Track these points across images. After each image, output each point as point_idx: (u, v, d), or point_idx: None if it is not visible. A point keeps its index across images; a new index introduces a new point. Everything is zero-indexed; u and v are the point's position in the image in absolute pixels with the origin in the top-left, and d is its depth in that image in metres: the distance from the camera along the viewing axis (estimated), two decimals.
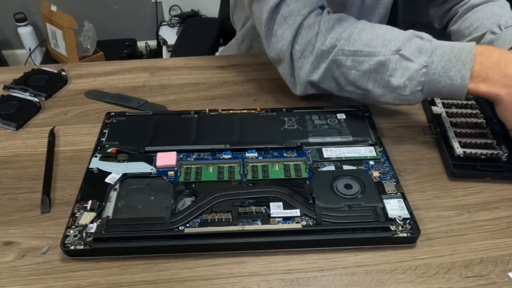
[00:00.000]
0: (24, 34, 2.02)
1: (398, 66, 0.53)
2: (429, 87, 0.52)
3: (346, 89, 0.59)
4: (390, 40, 0.54)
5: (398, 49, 0.53)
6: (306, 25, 0.57)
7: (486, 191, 0.52)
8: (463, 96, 0.52)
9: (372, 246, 0.46)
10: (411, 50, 0.52)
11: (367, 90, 0.56)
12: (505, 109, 0.51)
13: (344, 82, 0.58)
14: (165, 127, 0.59)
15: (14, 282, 0.43)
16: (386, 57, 0.53)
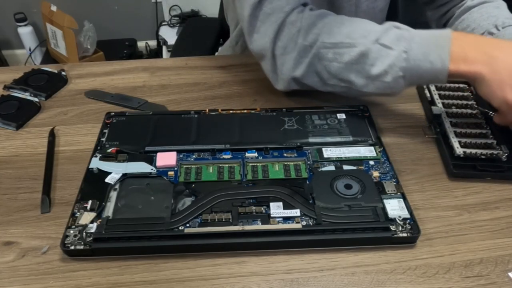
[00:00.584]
0: (24, 34, 2.02)
1: (378, 55, 0.54)
2: (410, 73, 0.53)
3: (329, 82, 0.59)
4: (369, 31, 0.55)
5: (378, 39, 0.54)
6: (289, 22, 0.58)
7: (486, 191, 0.52)
8: (444, 80, 0.53)
9: (372, 246, 0.46)
10: (391, 39, 0.54)
11: (350, 82, 0.57)
12: (487, 86, 0.51)
13: (327, 76, 0.58)
14: (165, 127, 0.59)
15: (14, 282, 0.43)
16: (366, 47, 0.54)
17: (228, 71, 0.73)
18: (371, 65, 0.54)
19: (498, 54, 0.51)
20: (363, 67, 0.55)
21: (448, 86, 0.66)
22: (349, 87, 0.58)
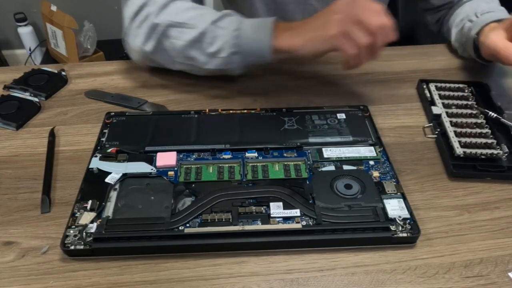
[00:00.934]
0: (24, 34, 2.01)
1: (215, 34, 0.62)
2: (242, 50, 0.61)
3: (177, 60, 0.66)
4: (209, 15, 0.63)
5: (214, 21, 0.62)
6: (149, 2, 0.65)
7: (486, 191, 0.52)
8: (269, 56, 0.61)
9: (372, 246, 0.46)
10: (225, 22, 0.62)
11: (193, 59, 0.64)
12: (305, 48, 0.58)
13: (173, 53, 0.65)
14: (165, 127, 0.59)
15: (14, 282, 0.43)
16: (204, 27, 0.62)
17: None
18: (209, 43, 0.62)
19: (305, 25, 0.59)
20: (202, 45, 0.62)
21: (448, 86, 0.66)
22: (194, 65, 0.65)
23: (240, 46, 0.61)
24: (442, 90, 0.66)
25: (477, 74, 0.72)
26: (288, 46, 0.59)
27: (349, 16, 0.54)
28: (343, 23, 0.54)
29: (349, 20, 0.54)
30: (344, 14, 0.54)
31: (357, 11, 0.54)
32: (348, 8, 0.55)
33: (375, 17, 0.54)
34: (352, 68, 0.57)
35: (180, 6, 0.65)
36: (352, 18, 0.54)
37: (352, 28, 0.54)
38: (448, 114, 0.61)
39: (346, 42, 0.54)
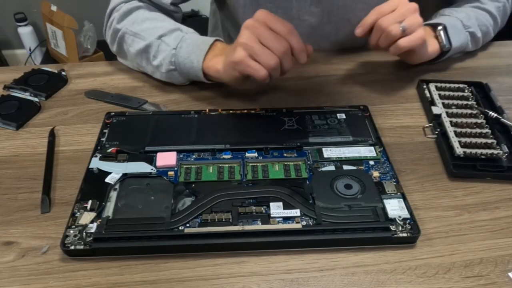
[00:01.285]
0: (24, 34, 2.02)
1: (159, 49, 0.65)
2: (180, 68, 0.64)
3: (135, 65, 0.72)
4: (160, 29, 0.66)
5: (161, 35, 0.65)
6: (117, 8, 0.71)
7: (486, 191, 0.52)
8: (202, 77, 0.64)
9: (372, 246, 0.46)
10: (171, 38, 0.65)
11: (143, 67, 0.69)
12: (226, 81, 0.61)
13: (130, 58, 0.70)
14: (165, 127, 0.59)
15: (14, 282, 0.43)
16: (151, 41, 0.65)
17: None
18: (154, 57, 0.66)
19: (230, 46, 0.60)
20: (148, 56, 0.67)
21: (448, 86, 0.66)
22: (147, 71, 0.70)
23: (177, 64, 0.64)
24: (442, 90, 0.66)
25: (477, 74, 0.72)
26: (213, 72, 0.62)
27: (253, 40, 0.54)
28: (247, 47, 0.54)
29: (254, 42, 0.54)
30: (249, 37, 0.54)
31: (261, 33, 0.54)
32: (254, 29, 0.54)
33: (279, 43, 0.54)
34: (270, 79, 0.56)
35: (140, 15, 0.69)
36: (257, 41, 0.54)
37: (257, 50, 0.54)
38: (448, 114, 0.61)
39: (252, 67, 0.54)
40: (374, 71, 0.71)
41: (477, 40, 0.74)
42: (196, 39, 0.64)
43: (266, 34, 0.54)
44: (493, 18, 0.74)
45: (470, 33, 0.72)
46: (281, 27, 0.54)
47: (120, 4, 0.70)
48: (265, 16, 0.55)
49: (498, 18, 0.75)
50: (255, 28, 0.54)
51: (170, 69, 0.65)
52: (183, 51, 0.63)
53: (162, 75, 0.67)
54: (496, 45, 0.79)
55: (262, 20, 0.55)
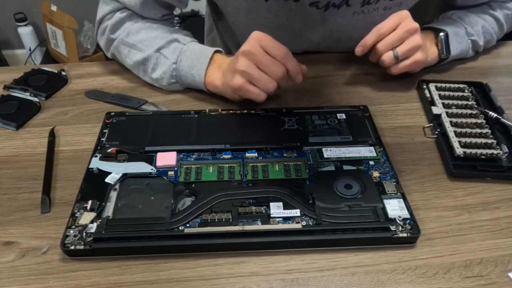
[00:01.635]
0: (24, 34, 2.01)
1: (158, 62, 0.65)
2: (181, 80, 0.65)
3: (131, 71, 0.71)
4: (156, 40, 0.66)
5: (159, 48, 0.65)
6: (109, 17, 0.69)
7: (486, 191, 0.52)
8: (206, 90, 0.65)
9: (372, 246, 0.46)
10: (169, 50, 0.65)
11: (141, 77, 0.69)
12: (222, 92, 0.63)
13: (128, 66, 0.70)
14: (165, 127, 0.59)
15: (14, 282, 0.43)
16: (149, 54, 0.65)
17: None
18: (153, 69, 0.66)
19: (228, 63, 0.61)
20: (146, 69, 0.67)
21: (448, 86, 0.67)
22: (143, 79, 0.69)
23: (179, 77, 0.65)
24: (442, 90, 0.66)
25: (477, 74, 0.72)
26: (212, 88, 0.64)
27: (251, 67, 0.56)
28: (246, 74, 0.57)
29: (252, 69, 0.56)
30: (247, 64, 0.56)
31: (259, 59, 0.56)
32: (252, 56, 0.56)
33: (276, 68, 0.56)
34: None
35: (134, 26, 0.68)
36: (255, 68, 0.56)
37: (256, 77, 0.56)
38: (448, 114, 0.61)
39: (252, 92, 0.58)
40: (374, 71, 0.71)
41: (478, 47, 0.74)
42: (195, 50, 0.64)
43: (264, 60, 0.56)
44: (500, 25, 0.74)
45: (472, 41, 0.72)
46: (277, 52, 0.57)
47: (110, 13, 0.69)
48: (261, 39, 0.56)
49: (505, 26, 0.75)
50: (253, 55, 0.56)
51: (171, 82, 0.65)
52: (184, 65, 0.64)
53: (162, 87, 0.67)
54: (496, 45, 0.79)
55: (258, 43, 0.56)
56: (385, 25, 0.62)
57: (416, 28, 0.62)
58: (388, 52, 0.63)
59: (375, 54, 0.65)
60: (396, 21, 0.62)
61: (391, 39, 0.62)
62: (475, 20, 0.72)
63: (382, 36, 0.62)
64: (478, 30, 0.72)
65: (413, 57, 0.63)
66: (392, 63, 0.64)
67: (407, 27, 0.61)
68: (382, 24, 0.62)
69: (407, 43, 0.62)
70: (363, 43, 0.63)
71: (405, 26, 0.62)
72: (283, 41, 0.58)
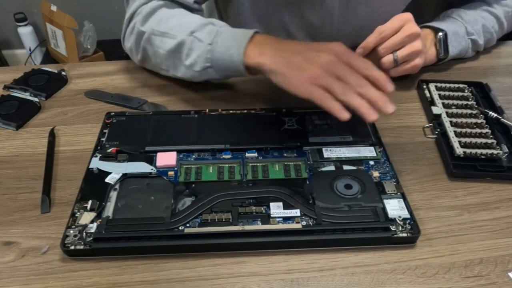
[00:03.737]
0: (24, 34, 2.01)
1: (191, 46, 0.60)
2: (216, 64, 0.59)
3: (162, 67, 0.66)
4: (189, 24, 0.62)
5: (193, 31, 0.60)
6: (138, 11, 0.66)
7: (486, 191, 0.52)
8: (243, 71, 0.58)
9: (372, 246, 0.46)
10: (203, 33, 0.60)
11: (175, 68, 0.64)
12: (281, 77, 0.54)
13: (158, 61, 0.66)
14: (165, 127, 0.59)
15: (14, 282, 0.43)
16: (182, 38, 0.61)
17: None
18: (187, 55, 0.61)
19: (287, 49, 0.55)
20: (181, 56, 0.62)
21: (448, 86, 0.67)
22: (176, 74, 0.65)
23: (214, 61, 0.59)
24: (442, 90, 0.66)
25: (477, 74, 0.72)
26: (261, 66, 0.56)
27: (329, 73, 0.51)
28: (322, 78, 0.51)
29: (328, 75, 0.51)
30: (326, 70, 0.51)
31: (339, 70, 0.51)
32: (331, 64, 0.51)
33: (357, 80, 0.51)
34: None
35: (165, 13, 0.65)
36: (333, 76, 0.51)
37: (331, 83, 0.50)
38: (448, 114, 0.61)
39: (323, 96, 0.50)
40: None
41: (478, 47, 0.74)
42: (233, 31, 0.59)
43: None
44: (500, 23, 0.74)
45: (472, 41, 0.72)
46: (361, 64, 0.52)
47: (140, 6, 0.66)
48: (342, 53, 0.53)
49: (505, 24, 0.75)
50: (332, 67, 0.51)
51: (205, 66, 0.60)
52: (220, 46, 0.58)
53: (195, 75, 0.62)
54: (496, 45, 0.79)
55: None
56: (387, 28, 0.62)
57: (418, 33, 0.62)
58: (388, 55, 0.63)
59: (375, 56, 0.65)
60: (398, 23, 0.62)
61: (392, 42, 0.62)
62: (475, 19, 0.72)
63: (384, 39, 0.62)
64: (478, 29, 0.72)
65: (412, 62, 0.64)
66: (392, 66, 0.64)
67: (409, 32, 0.61)
68: (384, 27, 0.62)
69: (408, 48, 0.62)
70: (364, 45, 0.63)
71: (407, 31, 0.62)
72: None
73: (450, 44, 0.69)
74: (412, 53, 0.63)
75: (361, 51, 0.64)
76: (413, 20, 0.62)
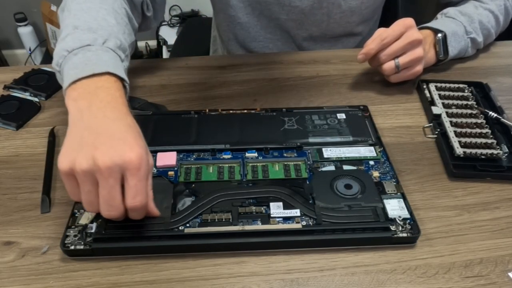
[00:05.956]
0: (24, 34, 2.02)
1: (64, 36, 0.50)
2: (60, 76, 0.49)
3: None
4: (86, 19, 0.51)
5: (76, 27, 0.50)
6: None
7: (486, 191, 0.52)
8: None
9: (372, 246, 0.46)
10: (75, 37, 0.49)
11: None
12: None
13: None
14: (165, 127, 0.59)
15: (14, 282, 0.43)
16: (67, 24, 0.52)
17: (228, 71, 0.73)
18: (60, 39, 0.51)
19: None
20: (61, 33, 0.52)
21: (448, 86, 0.67)
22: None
23: (60, 66, 0.49)
24: (442, 90, 0.66)
25: (477, 74, 0.72)
26: (70, 105, 0.44)
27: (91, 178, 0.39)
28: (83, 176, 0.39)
29: (90, 178, 0.39)
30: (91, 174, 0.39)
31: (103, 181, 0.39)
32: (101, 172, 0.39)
33: (133, 198, 0.40)
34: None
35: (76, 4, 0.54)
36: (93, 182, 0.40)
37: (87, 187, 0.40)
38: (448, 114, 0.61)
39: (69, 185, 0.41)
40: (374, 71, 0.71)
41: (478, 44, 0.74)
42: (98, 53, 0.48)
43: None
44: (495, 17, 0.74)
45: (471, 39, 0.72)
46: None
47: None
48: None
49: (500, 18, 0.75)
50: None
51: (56, 70, 0.51)
52: (73, 61, 0.47)
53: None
54: (496, 45, 0.79)
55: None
56: (389, 35, 0.62)
57: (419, 40, 0.62)
58: (390, 62, 0.63)
59: (376, 62, 0.65)
60: (400, 30, 0.62)
61: (394, 49, 0.62)
62: (471, 17, 0.72)
63: (386, 45, 0.62)
64: (476, 27, 0.72)
65: (413, 68, 0.64)
66: (393, 72, 0.64)
67: (411, 39, 0.62)
68: (386, 33, 0.62)
69: (409, 55, 0.63)
70: (366, 52, 0.63)
71: (408, 37, 0.62)
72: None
73: (449, 45, 0.69)
74: (414, 60, 0.63)
75: (362, 57, 0.64)
76: (415, 26, 0.63)
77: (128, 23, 0.58)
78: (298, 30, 0.82)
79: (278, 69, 0.74)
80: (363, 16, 0.82)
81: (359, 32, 0.85)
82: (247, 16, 0.82)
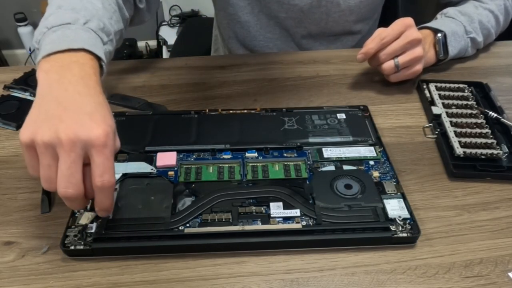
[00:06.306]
0: (24, 34, 2.02)
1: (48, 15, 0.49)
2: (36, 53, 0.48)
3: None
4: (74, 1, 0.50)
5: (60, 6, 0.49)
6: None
7: (486, 191, 0.52)
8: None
9: (372, 246, 0.46)
10: (58, 15, 0.48)
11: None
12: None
13: None
14: (165, 127, 0.59)
15: (14, 282, 0.43)
16: (52, 3, 0.51)
17: (228, 71, 0.73)
18: (44, 17, 0.50)
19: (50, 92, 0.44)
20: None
21: (448, 86, 0.67)
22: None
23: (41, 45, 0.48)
24: (442, 90, 0.66)
25: (477, 74, 0.72)
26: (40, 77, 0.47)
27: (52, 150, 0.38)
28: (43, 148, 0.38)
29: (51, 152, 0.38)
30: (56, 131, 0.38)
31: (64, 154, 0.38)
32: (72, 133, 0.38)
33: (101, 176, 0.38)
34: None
35: None
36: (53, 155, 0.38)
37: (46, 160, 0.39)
38: (448, 114, 0.61)
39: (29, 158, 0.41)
40: (374, 71, 0.71)
41: (478, 44, 0.74)
42: (77, 31, 0.47)
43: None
44: (495, 17, 0.74)
45: (471, 39, 0.72)
46: None
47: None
48: None
49: (500, 18, 0.75)
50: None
51: (34, 46, 0.50)
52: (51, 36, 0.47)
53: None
54: (496, 45, 0.79)
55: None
56: (389, 34, 0.62)
57: (419, 39, 0.62)
58: (389, 61, 0.63)
59: (376, 61, 0.65)
60: (399, 29, 0.62)
61: (393, 49, 0.62)
62: (471, 17, 0.72)
63: (385, 45, 0.63)
64: (476, 27, 0.72)
65: (413, 68, 0.64)
66: (392, 72, 0.65)
67: (410, 38, 0.62)
68: (386, 33, 0.62)
69: (409, 54, 0.63)
70: (365, 51, 0.63)
71: (408, 37, 0.62)
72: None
73: (449, 45, 0.69)
74: (413, 59, 0.63)
75: (362, 56, 0.64)
76: (414, 26, 0.63)
77: (117, 10, 0.57)
78: (297, 28, 0.82)
79: (278, 69, 0.74)
80: (361, 15, 0.82)
81: (358, 31, 0.85)
82: (247, 15, 0.82)
